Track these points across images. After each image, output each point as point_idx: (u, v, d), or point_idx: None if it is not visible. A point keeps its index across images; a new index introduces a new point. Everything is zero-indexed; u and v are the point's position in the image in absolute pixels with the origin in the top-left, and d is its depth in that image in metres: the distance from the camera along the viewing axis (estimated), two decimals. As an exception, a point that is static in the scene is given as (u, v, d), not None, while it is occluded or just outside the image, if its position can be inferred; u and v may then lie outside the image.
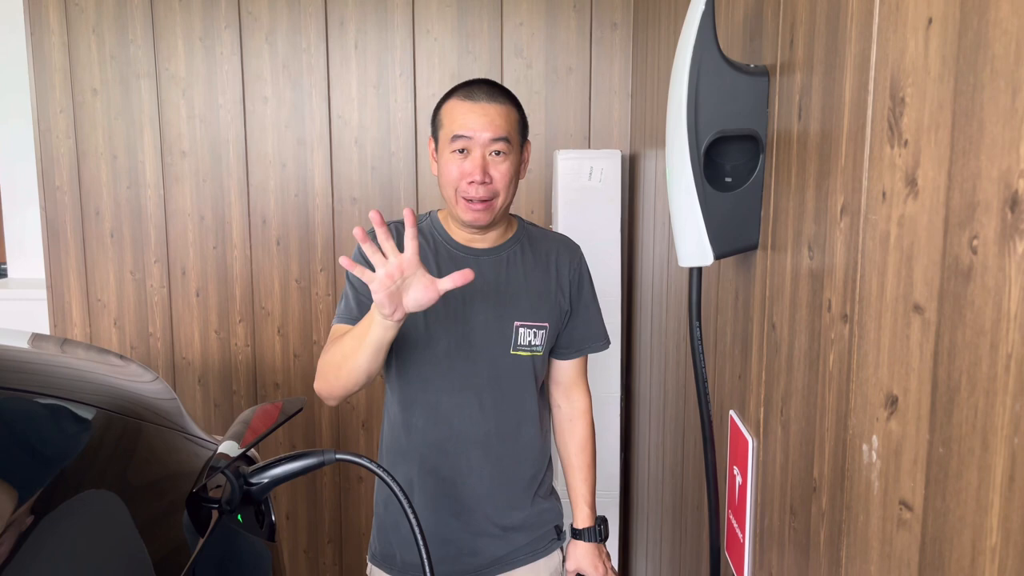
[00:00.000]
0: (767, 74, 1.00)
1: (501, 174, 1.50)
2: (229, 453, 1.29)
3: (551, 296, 1.62)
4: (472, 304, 1.57)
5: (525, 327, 1.59)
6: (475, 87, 1.53)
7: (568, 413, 1.73)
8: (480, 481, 1.62)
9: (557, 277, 1.63)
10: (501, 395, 1.60)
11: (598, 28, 2.72)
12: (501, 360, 1.59)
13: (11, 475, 1.00)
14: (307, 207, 2.82)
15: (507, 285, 1.59)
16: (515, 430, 1.63)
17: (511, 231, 1.64)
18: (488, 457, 1.62)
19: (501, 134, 1.49)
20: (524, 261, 1.62)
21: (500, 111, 1.50)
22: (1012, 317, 0.48)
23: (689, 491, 1.67)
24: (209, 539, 1.20)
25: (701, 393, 1.12)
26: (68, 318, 2.89)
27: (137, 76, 2.78)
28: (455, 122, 1.50)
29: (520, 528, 1.67)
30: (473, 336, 1.57)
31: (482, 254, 1.59)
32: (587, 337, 1.69)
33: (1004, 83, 0.49)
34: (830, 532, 0.80)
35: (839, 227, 0.77)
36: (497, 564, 1.67)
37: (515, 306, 1.59)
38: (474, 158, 1.49)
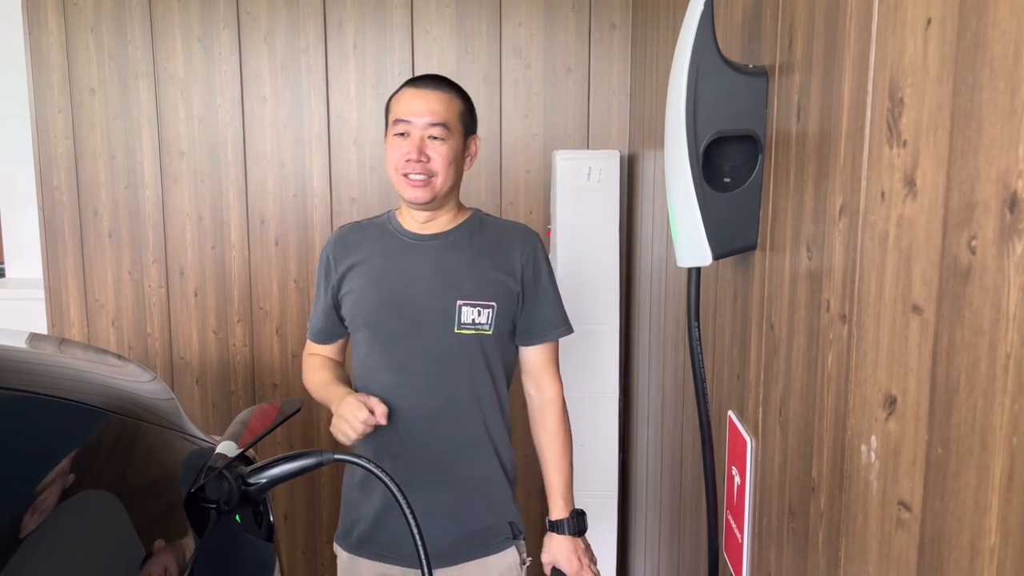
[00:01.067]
0: (766, 74, 1.00)
1: (439, 155, 1.59)
2: (227, 453, 1.29)
3: (498, 277, 1.66)
4: (415, 287, 1.64)
5: (468, 305, 1.64)
6: (424, 78, 1.65)
7: (539, 402, 1.74)
8: (430, 462, 1.66)
9: (507, 260, 1.68)
10: (448, 374, 1.65)
11: (597, 29, 2.72)
12: (446, 339, 1.64)
13: (9, 475, 1.00)
14: (306, 207, 2.82)
15: (450, 266, 1.65)
16: (466, 410, 1.66)
17: (462, 218, 1.71)
18: (438, 437, 1.66)
19: (438, 119, 1.59)
20: (471, 244, 1.68)
21: (440, 98, 1.60)
22: (1011, 317, 0.48)
23: (687, 492, 1.67)
24: (207, 539, 1.20)
25: (700, 393, 1.12)
26: (66, 318, 2.89)
27: (135, 76, 2.77)
28: (398, 107, 1.62)
29: (474, 515, 1.69)
30: (418, 317, 1.64)
31: (429, 239, 1.68)
32: (547, 324, 1.72)
33: (1003, 84, 0.49)
34: (829, 532, 0.80)
35: (838, 227, 0.77)
36: (446, 556, 1.67)
37: (458, 286, 1.64)
38: (412, 139, 1.59)
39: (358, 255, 1.70)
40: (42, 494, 1.00)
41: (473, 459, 1.69)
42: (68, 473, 1.07)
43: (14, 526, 0.92)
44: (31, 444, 1.09)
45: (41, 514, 0.97)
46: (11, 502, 0.95)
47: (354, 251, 1.71)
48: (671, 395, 1.90)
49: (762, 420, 1.03)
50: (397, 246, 1.68)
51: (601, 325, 2.51)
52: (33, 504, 0.97)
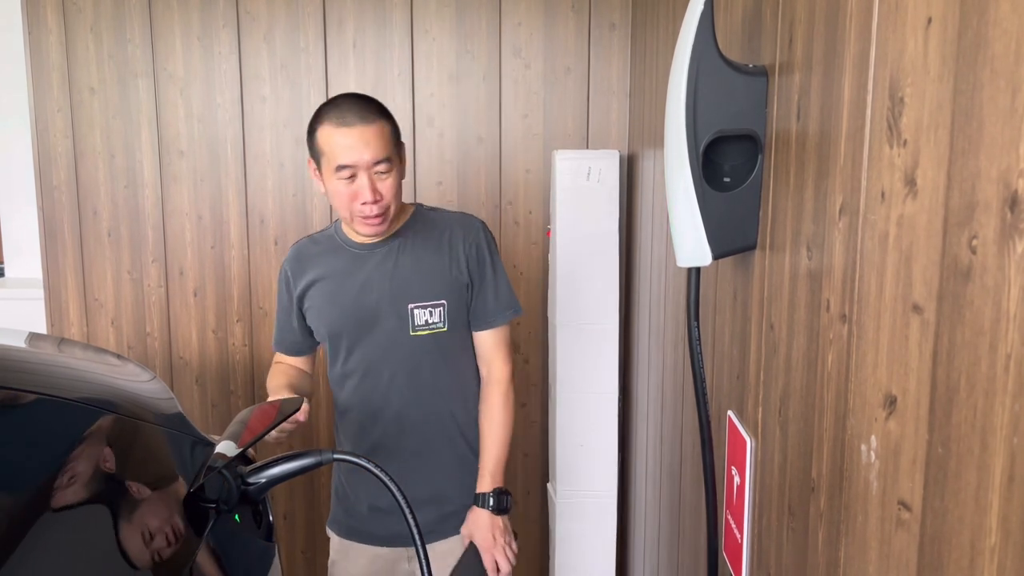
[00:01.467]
0: (766, 74, 1.00)
1: (388, 187, 1.63)
2: (227, 453, 1.29)
3: (445, 273, 1.72)
4: (369, 295, 1.71)
5: (420, 307, 1.71)
6: (345, 110, 1.61)
7: (486, 381, 1.81)
8: (405, 454, 1.75)
9: (451, 253, 1.73)
10: (410, 374, 1.73)
11: (597, 28, 2.72)
12: (404, 342, 1.72)
13: (8, 475, 1.00)
14: (305, 207, 2.81)
15: (399, 271, 1.72)
16: (431, 404, 1.76)
17: (403, 218, 1.76)
18: (409, 432, 1.75)
19: (382, 156, 1.60)
20: (415, 245, 1.73)
21: (375, 132, 1.60)
22: (1011, 317, 0.48)
23: (687, 492, 1.67)
24: (206, 539, 1.20)
25: (699, 393, 1.11)
26: (65, 318, 2.89)
27: (135, 75, 2.77)
28: (335, 152, 1.60)
29: (449, 498, 1.78)
30: (375, 323, 1.71)
31: (376, 248, 1.74)
32: (496, 308, 1.77)
33: (1004, 83, 0.49)
34: (828, 533, 0.80)
35: (838, 227, 0.77)
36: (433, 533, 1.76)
37: (408, 290, 1.71)
38: (361, 183, 1.60)
39: (314, 271, 1.78)
40: (41, 493, 1.00)
41: (443, 448, 1.78)
42: (67, 473, 1.07)
43: (13, 525, 0.92)
44: (30, 443, 1.09)
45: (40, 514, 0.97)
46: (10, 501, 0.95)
47: (310, 267, 1.78)
48: (671, 395, 1.90)
49: (762, 420, 1.03)
50: (348, 259, 1.75)
51: (600, 325, 2.51)
52: (32, 503, 0.97)
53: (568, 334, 2.49)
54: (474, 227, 1.77)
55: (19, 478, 1.00)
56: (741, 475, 1.10)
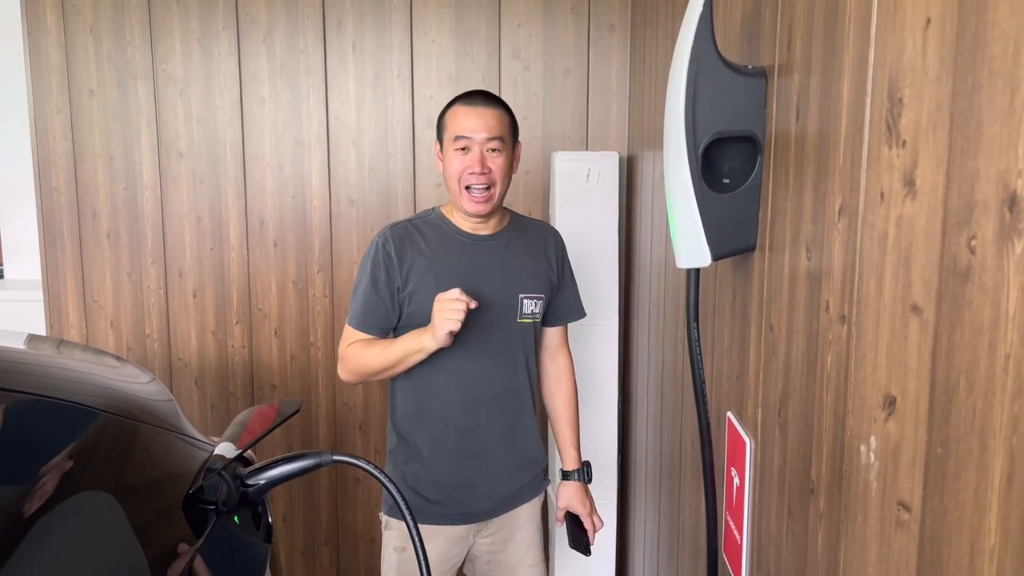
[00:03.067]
0: (765, 75, 1.00)
1: (497, 166, 1.78)
2: (226, 454, 1.29)
3: (543, 272, 1.92)
4: (484, 282, 1.84)
5: (528, 298, 1.89)
6: (474, 95, 1.82)
7: (555, 372, 2.03)
8: (497, 430, 1.89)
9: (546, 256, 1.94)
10: (511, 357, 1.89)
11: (596, 30, 2.72)
12: (510, 327, 1.88)
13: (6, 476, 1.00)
14: (304, 208, 2.81)
15: (510, 263, 1.88)
16: (521, 385, 1.92)
17: (506, 220, 1.93)
18: (503, 410, 1.89)
19: (496, 133, 1.78)
20: (519, 243, 1.91)
21: (495, 114, 1.79)
22: (1010, 317, 0.48)
23: (686, 493, 1.66)
24: (205, 541, 1.20)
25: (699, 394, 1.11)
26: (64, 319, 2.89)
27: (134, 77, 2.77)
28: (457, 124, 1.79)
29: (525, 468, 1.96)
30: (486, 309, 1.81)
31: (487, 239, 1.88)
32: (570, 308, 2.01)
33: (1002, 83, 0.49)
34: (828, 533, 0.80)
35: (837, 228, 0.77)
36: (508, 502, 1.95)
37: (519, 281, 1.88)
38: (474, 154, 1.77)
39: (420, 253, 1.84)
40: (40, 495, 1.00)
41: (526, 426, 1.95)
42: (66, 474, 1.07)
43: (12, 527, 0.92)
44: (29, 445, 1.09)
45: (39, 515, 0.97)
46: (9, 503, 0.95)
47: (415, 249, 1.85)
48: (670, 396, 1.90)
49: (761, 421, 1.03)
50: (458, 246, 1.86)
51: (600, 326, 2.51)
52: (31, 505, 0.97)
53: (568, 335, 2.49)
54: (558, 236, 2.00)
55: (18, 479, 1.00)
56: (741, 476, 1.10)
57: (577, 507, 1.99)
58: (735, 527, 1.13)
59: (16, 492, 0.98)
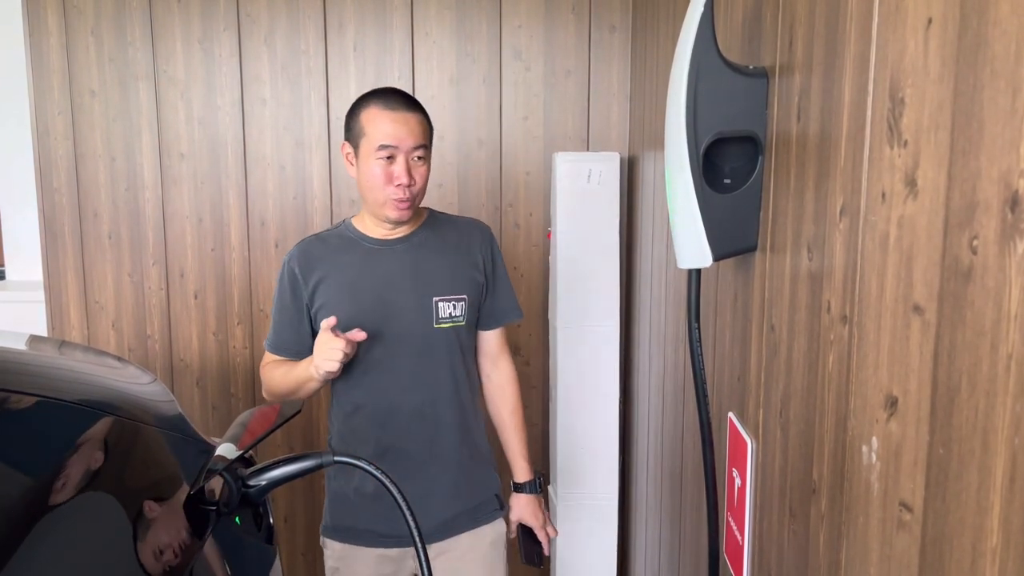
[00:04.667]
0: (766, 75, 1.00)
1: (421, 175, 1.71)
2: (227, 455, 1.29)
3: (466, 271, 1.80)
4: (392, 288, 1.75)
5: (444, 301, 1.77)
6: (392, 97, 1.70)
7: (498, 381, 1.92)
8: (420, 448, 1.78)
9: (469, 254, 1.82)
10: (429, 367, 1.77)
11: (597, 31, 2.72)
12: (426, 335, 1.76)
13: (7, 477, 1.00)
14: (305, 209, 2.81)
15: (422, 266, 1.77)
16: (448, 397, 1.79)
17: (419, 220, 1.82)
18: (424, 425, 1.78)
19: (421, 141, 1.69)
20: (435, 243, 1.80)
21: (419, 120, 1.70)
22: (1012, 317, 0.48)
23: (688, 493, 1.66)
24: (206, 542, 1.20)
25: (700, 395, 1.11)
26: (66, 320, 2.89)
27: (136, 78, 2.77)
28: (379, 131, 1.67)
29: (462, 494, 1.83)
30: (397, 317, 1.74)
31: (395, 243, 1.78)
32: (505, 310, 1.89)
33: (1004, 83, 0.49)
34: (829, 534, 0.79)
35: (838, 228, 0.77)
36: (445, 528, 1.82)
37: (432, 284, 1.77)
38: (400, 164, 1.67)
39: (325, 267, 1.77)
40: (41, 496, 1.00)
41: (457, 442, 1.81)
42: (67, 475, 1.07)
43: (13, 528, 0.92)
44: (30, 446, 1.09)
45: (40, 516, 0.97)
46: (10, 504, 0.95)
47: (320, 264, 1.78)
48: (671, 397, 1.90)
49: (762, 421, 1.03)
50: (365, 253, 1.77)
51: (601, 327, 2.51)
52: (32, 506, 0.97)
53: (569, 336, 2.49)
54: (487, 232, 1.87)
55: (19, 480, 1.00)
56: (742, 477, 1.10)
57: (530, 519, 1.91)
58: (736, 528, 1.13)
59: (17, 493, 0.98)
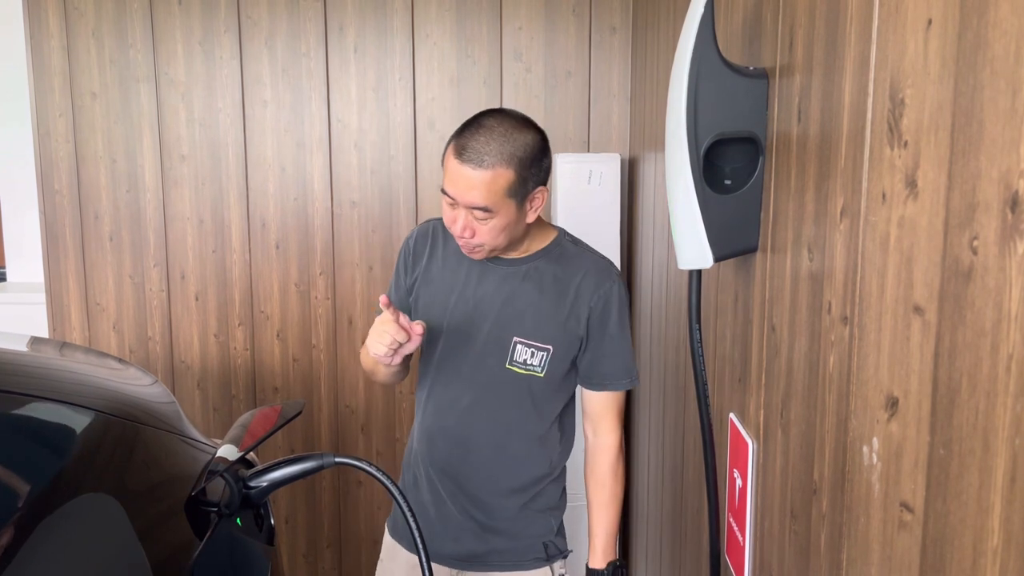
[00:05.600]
0: (766, 76, 1.00)
1: (484, 231, 1.49)
2: (228, 457, 1.29)
3: (561, 319, 1.58)
4: (480, 311, 1.61)
5: (523, 344, 1.59)
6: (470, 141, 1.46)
7: (592, 446, 1.69)
8: (461, 478, 1.67)
9: (575, 301, 1.58)
10: (491, 405, 1.63)
11: (597, 32, 2.72)
12: (495, 371, 1.60)
13: (9, 478, 1.00)
14: (306, 211, 2.82)
15: (516, 299, 1.59)
16: (502, 442, 1.64)
17: (540, 244, 1.62)
18: (467, 457, 1.66)
19: (479, 203, 1.45)
20: (543, 277, 1.59)
21: (483, 179, 1.44)
22: (1013, 318, 0.48)
23: (689, 494, 1.66)
24: (208, 543, 1.20)
25: (701, 396, 1.11)
26: (67, 322, 2.89)
27: (136, 80, 2.78)
28: (445, 174, 1.49)
29: (498, 532, 1.68)
30: (475, 342, 1.61)
31: (503, 264, 1.61)
32: (609, 373, 1.63)
33: (1004, 84, 0.49)
34: (831, 535, 0.79)
35: (839, 229, 0.77)
36: (476, 561, 1.70)
37: (519, 321, 1.58)
38: (457, 214, 1.49)
39: (434, 261, 1.66)
40: (43, 497, 1.00)
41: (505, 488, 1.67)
42: (68, 476, 1.07)
43: (15, 529, 0.92)
44: (32, 447, 1.09)
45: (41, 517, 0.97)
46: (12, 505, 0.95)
47: (432, 254, 1.66)
48: (672, 397, 1.90)
49: (763, 422, 1.03)
50: (472, 264, 1.62)
51: (602, 328, 2.50)
52: (34, 507, 0.97)
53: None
54: (609, 279, 1.60)
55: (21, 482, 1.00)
56: (743, 477, 1.10)
57: None
58: (737, 528, 1.13)
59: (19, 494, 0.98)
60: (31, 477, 1.02)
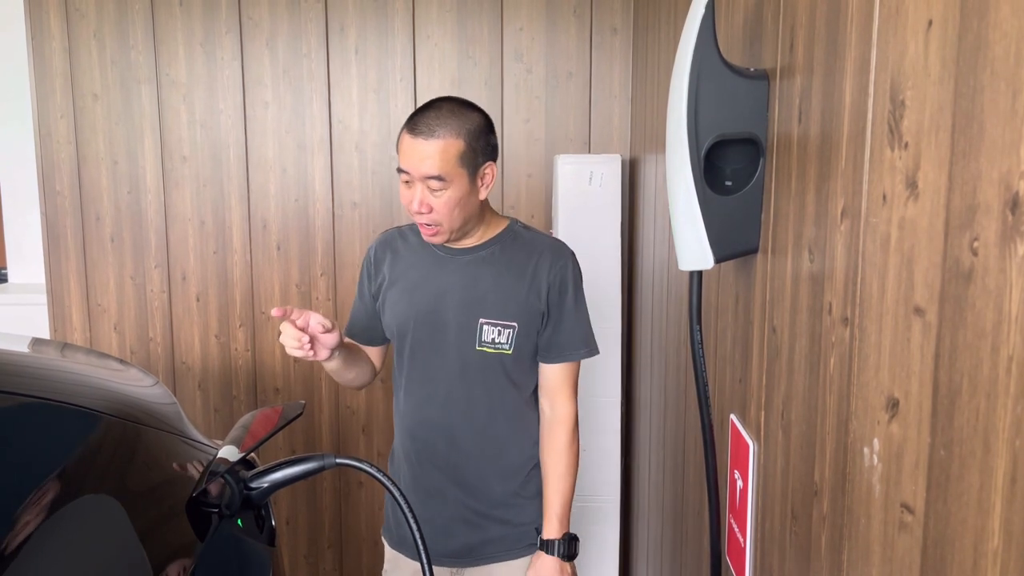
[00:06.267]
0: (767, 77, 1.00)
1: (440, 204, 1.56)
2: (229, 458, 1.29)
3: (522, 297, 1.66)
4: (443, 300, 1.67)
5: (490, 324, 1.66)
6: (420, 118, 1.56)
7: (549, 419, 1.72)
8: (449, 468, 1.70)
9: (533, 278, 1.66)
10: (469, 389, 1.68)
11: (598, 33, 2.72)
12: (468, 355, 1.67)
13: (10, 479, 1.00)
14: (307, 212, 2.82)
15: (476, 283, 1.67)
16: (485, 424, 1.69)
17: (494, 231, 1.70)
18: (456, 447, 1.70)
19: (432, 172, 1.53)
20: (500, 261, 1.68)
21: (436, 147, 1.53)
22: (1013, 319, 0.48)
23: (690, 495, 1.66)
24: (209, 544, 1.20)
25: (702, 397, 1.11)
26: (68, 323, 2.89)
27: (138, 81, 2.78)
28: (401, 154, 1.58)
29: (493, 518, 1.71)
30: (443, 331, 1.67)
31: (459, 253, 1.69)
32: (568, 344, 1.69)
33: (1004, 85, 0.49)
34: (831, 536, 0.79)
35: (839, 230, 0.77)
36: (472, 554, 1.72)
37: (481, 304, 1.66)
38: (413, 190, 1.57)
39: (397, 264, 1.73)
40: (44, 498, 1.00)
41: (495, 471, 1.71)
42: (69, 477, 1.07)
43: (16, 530, 0.92)
44: (33, 448, 1.09)
45: (42, 518, 0.97)
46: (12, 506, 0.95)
47: (394, 258, 1.74)
48: (673, 399, 1.90)
49: (764, 423, 1.03)
50: (431, 259, 1.70)
51: (603, 329, 2.50)
52: (34, 508, 0.97)
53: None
54: (563, 256, 1.69)
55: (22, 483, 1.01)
56: (744, 479, 1.10)
57: None
58: (738, 529, 1.13)
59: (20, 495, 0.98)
60: (32, 478, 1.02)
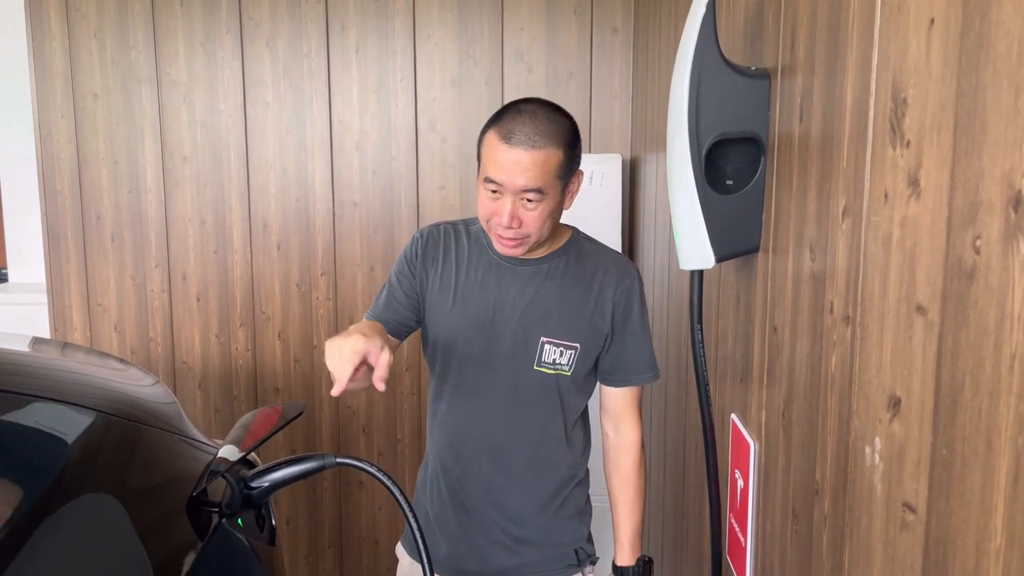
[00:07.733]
0: (768, 76, 1.00)
1: (532, 218, 1.45)
2: (229, 457, 1.29)
3: (586, 316, 1.55)
4: (502, 314, 1.55)
5: (551, 344, 1.55)
6: (517, 125, 1.42)
7: (615, 443, 1.65)
8: (489, 488, 1.61)
9: (598, 297, 1.56)
10: (519, 410, 1.58)
11: (599, 33, 2.72)
12: (523, 374, 1.55)
13: (10, 479, 1.00)
14: (308, 211, 2.82)
15: (539, 298, 1.55)
16: (532, 446, 1.60)
17: (559, 243, 1.59)
18: (498, 467, 1.60)
19: (533, 185, 1.42)
20: (564, 276, 1.56)
21: (536, 159, 1.41)
22: (1016, 317, 0.48)
23: (690, 495, 1.66)
24: (209, 543, 1.20)
25: (702, 396, 1.11)
26: (68, 322, 2.89)
27: (138, 81, 2.78)
28: (490, 162, 1.44)
29: (530, 542, 1.63)
30: (498, 346, 1.55)
31: (523, 264, 1.56)
32: (633, 367, 1.60)
33: (1007, 83, 0.49)
34: (833, 535, 0.79)
35: (841, 229, 0.77)
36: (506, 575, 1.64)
37: (544, 321, 1.54)
38: (503, 203, 1.44)
39: (448, 266, 1.60)
40: (44, 497, 1.00)
41: (537, 495, 1.63)
42: (70, 476, 1.07)
43: (16, 529, 0.92)
44: (33, 447, 1.09)
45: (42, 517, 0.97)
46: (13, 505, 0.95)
47: (445, 260, 1.60)
48: (674, 398, 1.90)
49: (765, 423, 1.03)
50: (489, 265, 1.57)
51: (603, 329, 2.51)
52: (35, 507, 0.97)
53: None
54: (630, 274, 1.58)
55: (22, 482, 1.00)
56: (744, 478, 1.09)
57: None
58: (739, 529, 1.13)
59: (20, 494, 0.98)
60: (32, 477, 1.02)
